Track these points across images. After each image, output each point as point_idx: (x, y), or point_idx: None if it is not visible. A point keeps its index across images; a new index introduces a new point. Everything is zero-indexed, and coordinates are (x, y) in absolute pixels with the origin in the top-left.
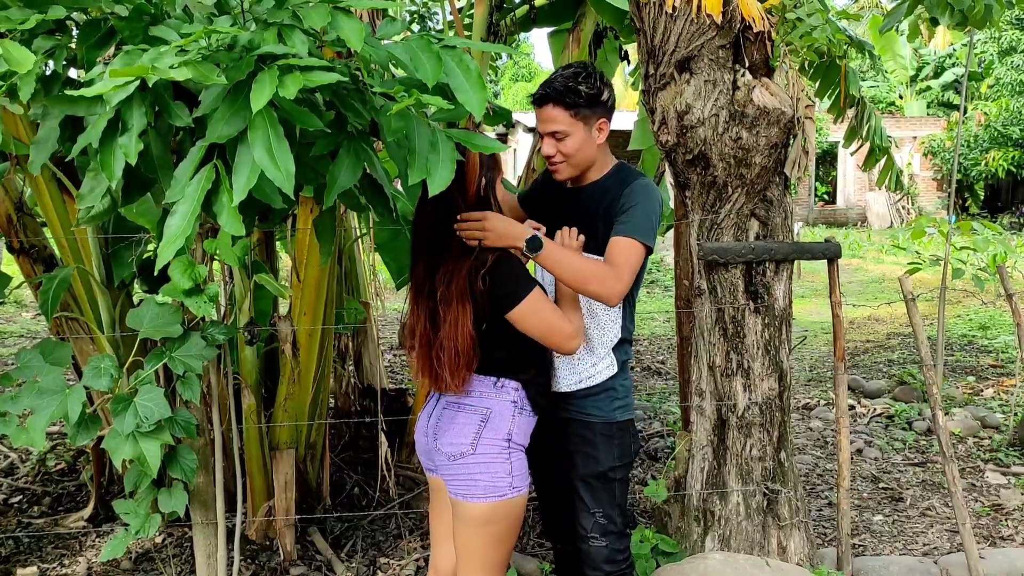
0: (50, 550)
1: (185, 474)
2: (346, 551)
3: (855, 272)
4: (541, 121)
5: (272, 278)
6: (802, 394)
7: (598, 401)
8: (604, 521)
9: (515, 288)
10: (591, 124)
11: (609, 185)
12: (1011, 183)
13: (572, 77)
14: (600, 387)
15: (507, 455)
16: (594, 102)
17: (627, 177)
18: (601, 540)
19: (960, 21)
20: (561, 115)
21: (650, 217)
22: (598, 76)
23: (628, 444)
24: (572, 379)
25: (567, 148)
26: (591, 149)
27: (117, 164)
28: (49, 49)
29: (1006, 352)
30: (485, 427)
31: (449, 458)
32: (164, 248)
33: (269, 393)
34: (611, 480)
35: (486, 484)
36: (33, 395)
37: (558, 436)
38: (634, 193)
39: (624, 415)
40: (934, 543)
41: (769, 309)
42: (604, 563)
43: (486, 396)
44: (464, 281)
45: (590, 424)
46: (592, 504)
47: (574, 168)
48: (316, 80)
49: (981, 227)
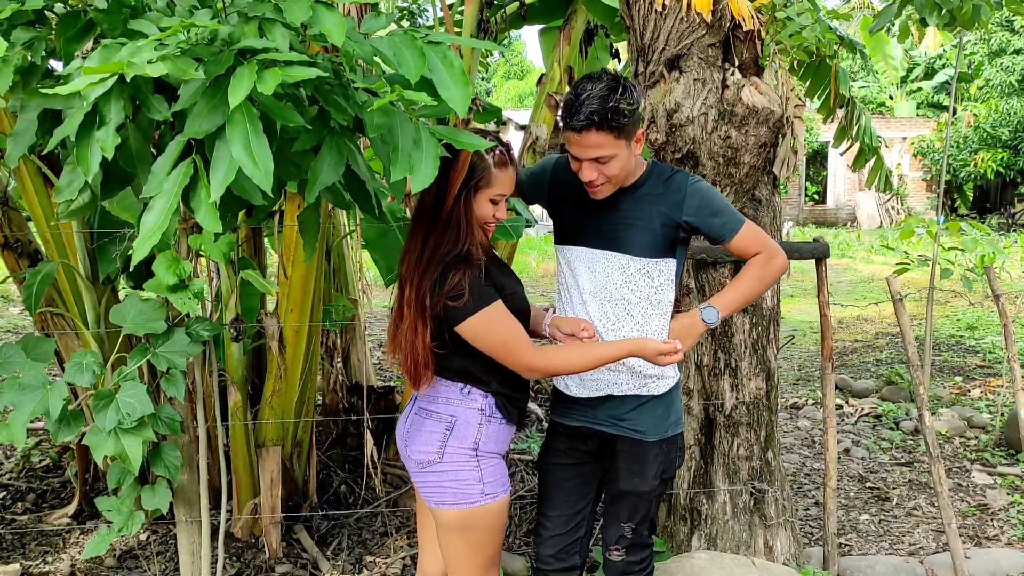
0: (33, 547)
1: (169, 471)
2: (332, 549)
3: (844, 272)
4: (581, 147)
5: (259, 274)
6: (790, 393)
7: (655, 416)
8: (630, 535)
9: (467, 303)
10: (632, 138)
11: (655, 187)
12: (1000, 184)
13: (609, 95)
14: (658, 399)
15: (475, 463)
16: (635, 116)
17: (672, 179)
18: (620, 552)
19: (949, 21)
20: (606, 139)
21: (726, 203)
22: (632, 88)
23: (674, 458)
24: (633, 383)
25: (612, 170)
26: (631, 164)
27: (93, 158)
28: (28, 41)
29: (993, 352)
30: (451, 435)
31: (418, 466)
32: (140, 244)
33: (256, 390)
34: (651, 497)
35: (455, 491)
36: (14, 391)
37: (600, 452)
38: (703, 196)
39: (675, 430)
40: (920, 543)
41: (757, 309)
42: (621, 574)
43: (453, 403)
44: (426, 291)
45: (644, 443)
46: (624, 517)
47: (615, 186)
48: (296, 75)
49: (969, 228)
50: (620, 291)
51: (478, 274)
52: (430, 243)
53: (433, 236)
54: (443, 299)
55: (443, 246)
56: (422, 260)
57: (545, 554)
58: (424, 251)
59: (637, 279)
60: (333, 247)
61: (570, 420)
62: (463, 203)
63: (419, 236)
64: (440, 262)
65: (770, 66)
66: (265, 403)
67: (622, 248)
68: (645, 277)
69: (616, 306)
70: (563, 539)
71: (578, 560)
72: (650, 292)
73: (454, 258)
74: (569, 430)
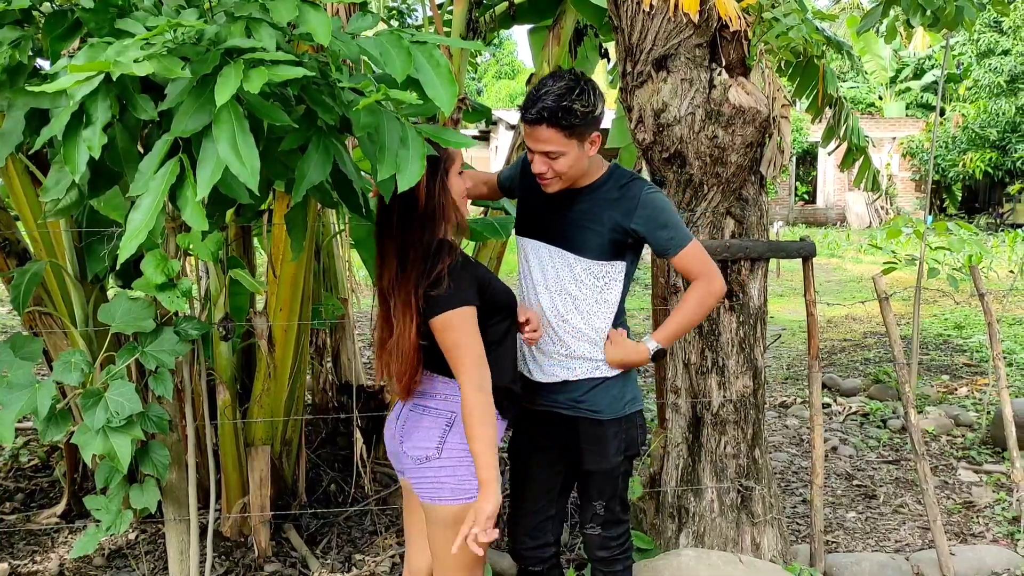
0: (22, 547)
1: (157, 470)
2: (321, 548)
3: (833, 271)
4: (533, 140)
5: (248, 273)
6: (779, 392)
7: (609, 396)
8: (602, 512)
9: (445, 299)
10: (585, 140)
11: (611, 191)
12: (988, 184)
13: (565, 94)
14: (611, 379)
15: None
16: (588, 119)
17: (629, 187)
18: (596, 528)
19: (933, 22)
20: (555, 136)
21: (677, 219)
22: (591, 90)
23: (635, 437)
24: (585, 367)
25: (560, 167)
26: (583, 163)
27: (81, 157)
28: (15, 40)
29: (980, 351)
30: (450, 431)
31: (415, 461)
32: (126, 242)
33: (245, 389)
34: (616, 474)
35: (453, 487)
36: (2, 390)
37: (562, 434)
38: (655, 208)
39: (632, 408)
40: (906, 540)
41: (744, 307)
42: (598, 549)
43: (451, 399)
44: (412, 288)
45: (602, 422)
46: (595, 496)
47: (566, 183)
48: (282, 75)
49: (956, 228)
50: (568, 287)
51: (462, 265)
52: (408, 248)
53: (410, 239)
54: (425, 288)
55: (423, 242)
56: (405, 266)
57: (518, 534)
58: (405, 259)
59: (583, 278)
60: (323, 246)
61: (534, 406)
62: (438, 189)
63: (393, 249)
64: (423, 257)
65: (757, 66)
66: (254, 402)
67: (571, 247)
68: (591, 277)
69: (564, 300)
70: (534, 517)
71: (551, 538)
72: (596, 291)
73: (439, 248)
74: (534, 415)
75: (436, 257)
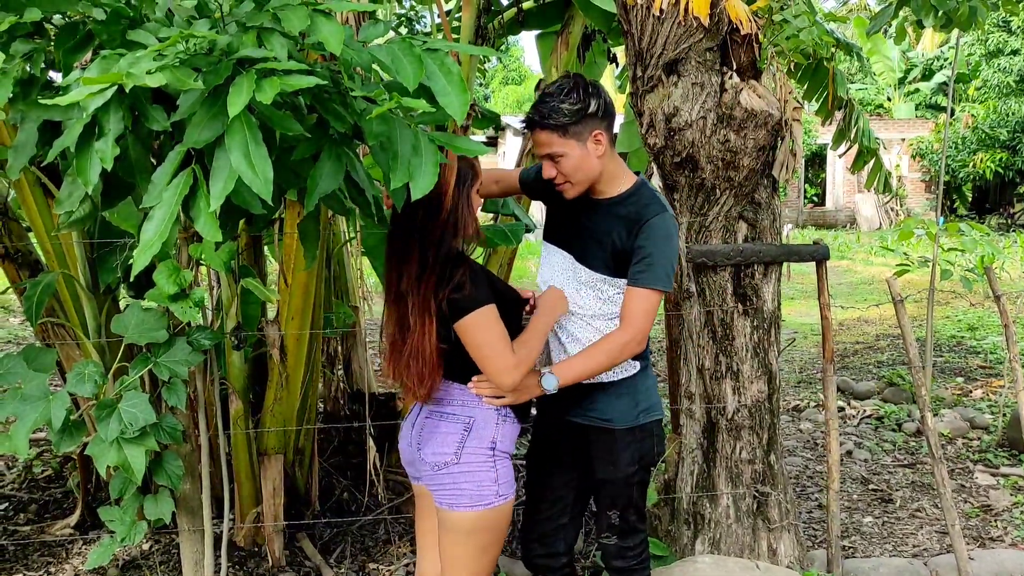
0: (36, 558)
1: (171, 480)
2: (335, 556)
3: (844, 274)
4: (535, 144)
5: (260, 282)
6: (792, 396)
7: (620, 405)
8: (617, 521)
9: (469, 300)
10: (584, 138)
11: (626, 210)
12: (998, 184)
13: (554, 95)
14: (622, 387)
15: (492, 463)
16: (581, 116)
17: (645, 208)
18: (611, 538)
19: (945, 23)
20: (549, 137)
21: (668, 264)
22: (582, 88)
23: (651, 447)
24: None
25: (566, 168)
26: (592, 163)
27: (93, 169)
28: (27, 53)
29: (995, 353)
30: (469, 436)
31: (433, 468)
32: (140, 254)
33: (257, 398)
34: (630, 484)
35: (472, 493)
36: (16, 402)
37: (575, 442)
38: (653, 236)
39: (647, 418)
40: (924, 544)
41: (758, 311)
42: (614, 559)
43: (469, 404)
44: (431, 293)
45: (613, 431)
46: (608, 505)
47: (581, 185)
48: (295, 84)
49: (969, 228)
50: (573, 297)
51: (476, 269)
52: (429, 251)
53: (430, 242)
54: (447, 294)
55: (443, 247)
56: (425, 268)
57: (529, 540)
58: (424, 261)
59: (586, 288)
60: (333, 254)
61: (547, 415)
62: (461, 200)
63: (415, 251)
64: (442, 263)
65: (768, 69)
66: (267, 411)
67: (580, 258)
68: (593, 290)
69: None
70: (546, 524)
71: (562, 547)
72: (597, 303)
73: (455, 256)
74: (550, 423)
75: (455, 262)
